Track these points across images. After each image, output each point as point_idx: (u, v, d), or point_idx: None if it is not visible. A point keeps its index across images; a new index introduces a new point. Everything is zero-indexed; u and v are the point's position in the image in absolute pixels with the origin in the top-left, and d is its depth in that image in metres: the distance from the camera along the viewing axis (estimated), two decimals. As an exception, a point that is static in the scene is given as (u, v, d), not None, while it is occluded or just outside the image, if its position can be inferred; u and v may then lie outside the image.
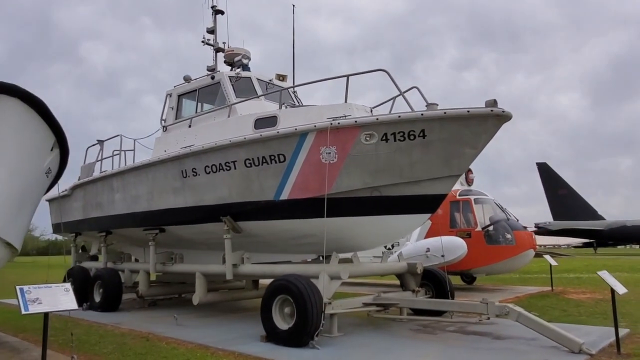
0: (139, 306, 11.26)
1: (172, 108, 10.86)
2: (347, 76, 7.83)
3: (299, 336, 6.52)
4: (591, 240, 61.95)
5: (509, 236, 12.85)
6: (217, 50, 12.19)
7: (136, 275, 11.07)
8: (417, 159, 7.24)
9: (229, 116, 9.34)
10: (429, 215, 7.88)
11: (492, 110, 6.78)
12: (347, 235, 8.07)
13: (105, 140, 12.05)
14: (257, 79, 10.36)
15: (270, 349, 6.46)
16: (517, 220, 13.79)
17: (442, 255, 12.00)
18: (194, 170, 8.90)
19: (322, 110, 8.11)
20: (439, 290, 9.20)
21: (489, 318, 6.78)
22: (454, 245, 12.01)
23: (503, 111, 6.81)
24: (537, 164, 64.00)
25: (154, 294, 11.10)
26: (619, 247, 73.01)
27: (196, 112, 10.33)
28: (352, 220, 7.85)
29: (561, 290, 13.97)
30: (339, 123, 7.31)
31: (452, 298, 9.22)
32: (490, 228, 13.11)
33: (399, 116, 7.01)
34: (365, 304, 7.85)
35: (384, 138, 7.17)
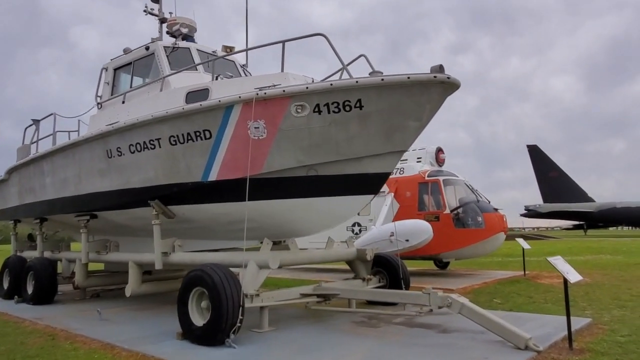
0: (80, 298, 10.49)
1: (108, 83, 9.95)
2: (283, 42, 6.97)
3: (214, 333, 5.77)
4: (581, 223, 61.87)
5: (478, 219, 12.13)
6: (162, 20, 11.21)
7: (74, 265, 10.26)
8: (354, 133, 6.44)
9: (161, 90, 8.47)
10: (371, 196, 7.10)
11: (435, 77, 5.97)
12: (282, 220, 7.30)
13: (41, 119, 11.14)
14: (198, 50, 9.45)
15: (179, 349, 5.72)
16: (489, 202, 13.06)
17: (407, 240, 11.32)
18: (118, 149, 8.05)
19: (256, 81, 7.26)
20: (394, 278, 8.48)
21: (431, 310, 6.05)
22: (418, 229, 11.29)
23: (448, 77, 6.00)
24: (528, 146, 63.50)
25: (92, 285, 10.31)
26: (610, 228, 73.11)
27: (130, 87, 9.43)
28: (287, 203, 7.08)
29: (534, 275, 13.34)
30: (265, 93, 6.47)
31: (408, 286, 8.52)
32: (459, 211, 12.37)
33: (331, 84, 6.17)
34: (304, 295, 7.11)
35: (317, 110, 6.35)
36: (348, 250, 8.30)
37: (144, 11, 11.22)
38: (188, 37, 10.23)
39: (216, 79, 8.05)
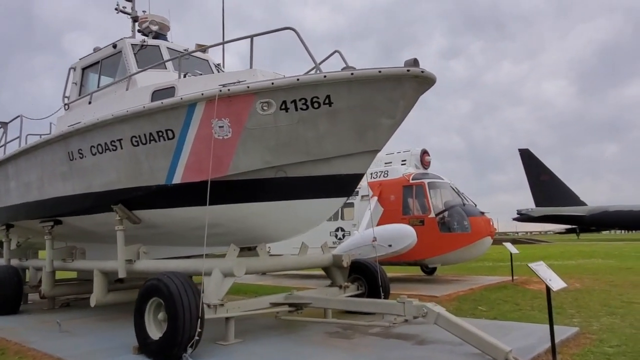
0: (48, 308, 10.00)
1: (76, 83, 9.51)
2: (252, 37, 6.60)
3: (170, 348, 5.32)
4: (574, 227, 61.79)
5: (464, 223, 11.74)
6: (135, 19, 10.79)
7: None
8: (324, 131, 6.05)
9: (127, 89, 8.05)
10: (343, 199, 6.71)
11: (408, 70, 5.60)
12: (252, 224, 6.89)
13: (9, 122, 10.68)
14: (169, 48, 9.05)
15: (130, 366, 5.28)
16: (475, 205, 12.69)
17: (390, 245, 10.93)
18: (80, 151, 7.61)
19: (223, 78, 6.87)
20: (372, 285, 8.07)
21: (406, 320, 5.65)
22: (401, 234, 10.91)
23: (422, 71, 5.64)
24: (520, 150, 63.46)
25: (60, 294, 9.83)
26: (603, 232, 73.08)
27: (98, 86, 9.00)
28: (255, 206, 6.67)
29: (523, 280, 12.95)
30: (229, 90, 6.08)
31: (387, 293, 8.10)
32: (445, 214, 11.99)
33: (298, 79, 5.79)
34: (274, 304, 6.68)
35: (284, 107, 5.96)
36: (323, 256, 7.89)
37: (116, 9, 10.81)
38: (160, 36, 9.84)
39: (184, 77, 7.66)
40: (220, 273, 6.13)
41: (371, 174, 13.72)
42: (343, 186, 6.49)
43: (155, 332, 5.61)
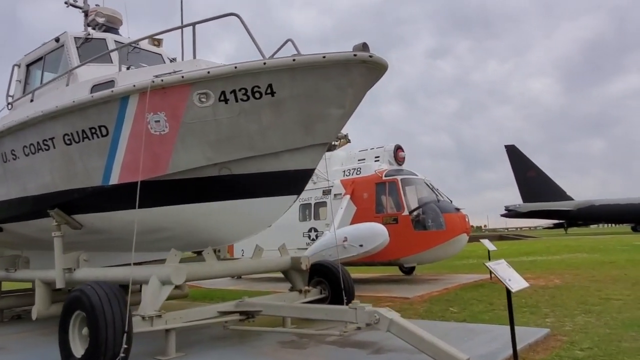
0: (-2, 321, 9.37)
1: (20, 81, 8.93)
2: (194, 24, 6.07)
3: (93, 367, 4.79)
4: (562, 221, 61.94)
5: (439, 220, 11.31)
6: (86, 13, 10.22)
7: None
8: (268, 123, 5.56)
9: (67, 84, 7.49)
10: (294, 197, 6.21)
11: (355, 55, 5.13)
12: (198, 226, 6.37)
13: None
14: (117, 41, 8.48)
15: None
16: (451, 201, 12.27)
17: (361, 245, 10.47)
18: (13, 152, 7.05)
19: (162, 69, 6.34)
20: (336, 288, 7.57)
21: (359, 328, 5.16)
22: (373, 233, 10.45)
23: (371, 56, 5.17)
24: (506, 146, 63.51)
25: (7, 307, 9.22)
26: (591, 226, 73.42)
27: (41, 83, 8.42)
28: (200, 207, 6.15)
29: (503, 278, 12.56)
30: (162, 80, 5.56)
31: (351, 297, 7.59)
32: (419, 212, 11.55)
33: (236, 67, 5.28)
34: (222, 313, 6.16)
35: (223, 98, 5.46)
36: (281, 259, 7.38)
37: (65, 3, 10.22)
38: (112, 30, 9.27)
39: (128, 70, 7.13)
40: (157, 281, 5.60)
41: (344, 171, 13.27)
42: (293, 183, 5.99)
43: (79, 349, 5.06)
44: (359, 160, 13.43)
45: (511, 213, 63.04)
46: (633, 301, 8.38)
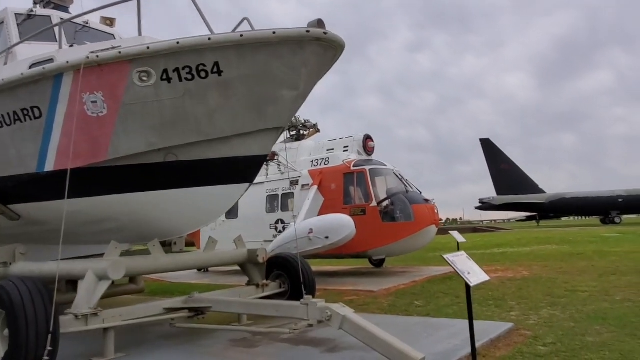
0: None
1: (-41, 60, 8.24)
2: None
3: (12, 371, 4.32)
4: (534, 214, 63.04)
5: (407, 211, 11.04)
6: (36, -12, 9.53)
7: None
8: (216, 106, 5.13)
9: (5, 63, 6.89)
10: (245, 186, 5.81)
11: (308, 32, 4.74)
12: (145, 217, 5.92)
13: None
14: (63, 19, 7.87)
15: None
16: (420, 192, 12.02)
17: (327, 237, 10.13)
18: (-59, 136, 6.44)
19: (104, 46, 5.82)
20: (295, 282, 7.22)
21: (311, 325, 4.81)
22: (339, 225, 10.11)
23: (325, 33, 4.78)
24: (481, 140, 64.16)
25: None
26: (562, 219, 74.95)
27: (-21, 62, 7.76)
28: (146, 196, 5.70)
29: (472, 270, 12.42)
30: (97, 56, 5.06)
31: (311, 290, 7.26)
32: (387, 203, 11.27)
33: (178, 42, 4.83)
34: (169, 310, 5.74)
35: (165, 77, 5.00)
36: (236, 252, 6.97)
37: (10, -23, 9.49)
38: (61, 7, 8.64)
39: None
40: (93, 276, 5.14)
41: (312, 161, 12.89)
42: (244, 170, 5.59)
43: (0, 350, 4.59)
44: (327, 150, 13.07)
45: (485, 206, 63.85)
46: (599, 293, 8.27)
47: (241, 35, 4.74)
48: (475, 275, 4.42)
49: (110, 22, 8.65)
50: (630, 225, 45.89)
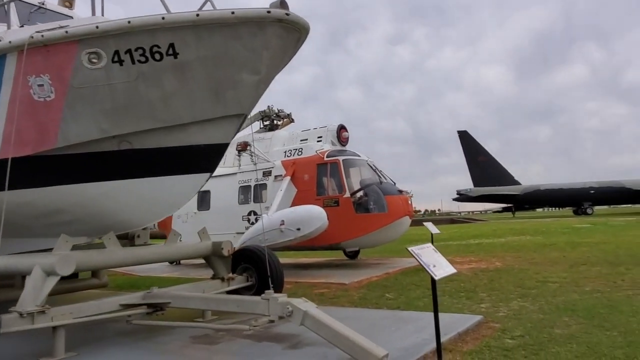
0: None
1: None
2: None
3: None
4: (510, 205, 64.05)
5: (380, 202, 10.91)
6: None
7: None
8: (172, 90, 4.84)
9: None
10: (206, 176, 5.53)
11: (269, 12, 4.47)
12: (99, 209, 5.59)
13: None
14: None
15: None
16: (394, 183, 11.90)
17: (298, 229, 9.92)
18: None
19: (53, 25, 5.45)
20: (264, 275, 6.99)
21: (272, 321, 4.59)
22: (310, 216, 9.92)
23: (287, 14, 4.52)
24: (459, 132, 64.74)
25: None
26: (537, 210, 76.42)
27: None
28: (99, 187, 5.38)
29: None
30: (42, 36, 4.71)
31: (278, 284, 7.05)
32: (360, 194, 11.10)
33: (129, 22, 4.51)
34: (125, 306, 5.45)
35: (117, 59, 4.68)
36: (200, 244, 6.70)
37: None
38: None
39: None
40: (40, 271, 4.82)
41: (285, 152, 12.63)
42: (204, 159, 5.31)
43: None
44: (301, 140, 12.82)
45: (462, 197, 64.61)
46: (569, 283, 8.28)
47: (197, 15, 4.45)
48: (441, 268, 4.27)
49: (69, 3, 8.22)
50: (601, 216, 47.04)
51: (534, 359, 4.39)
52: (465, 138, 63.62)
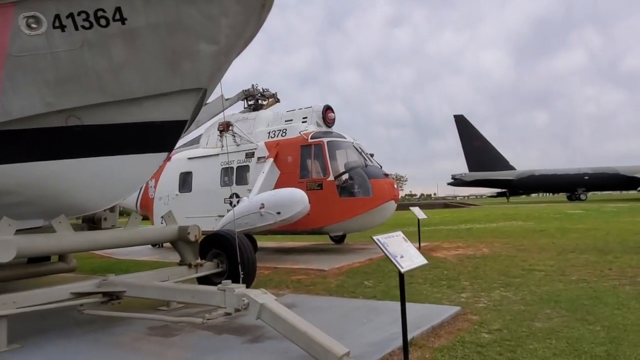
0: None
1: None
2: None
3: None
4: (505, 190, 63.94)
5: (365, 186, 10.53)
6: None
7: None
8: (121, 60, 4.39)
9: None
10: (163, 155, 5.12)
11: (225, -28, 4.01)
12: (51, 191, 5.18)
13: None
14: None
15: None
16: (381, 166, 11.51)
17: (278, 213, 9.55)
18: None
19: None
20: (235, 261, 6.63)
21: (229, 314, 4.24)
22: (291, 200, 9.54)
23: None
24: (455, 116, 64.19)
25: None
26: (532, 195, 76.38)
27: None
28: (46, 166, 4.96)
29: (432, 247, 12.09)
30: None
31: (249, 271, 6.72)
32: (344, 177, 10.72)
33: None
34: (77, 294, 5.08)
35: (58, 24, 4.22)
36: (165, 229, 6.32)
37: None
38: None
39: None
40: (-22, 257, 4.43)
41: (269, 133, 12.19)
42: (161, 138, 4.89)
43: None
44: (286, 121, 12.37)
45: (457, 182, 64.38)
46: (555, 272, 7.99)
47: (145, -25, 3.99)
48: (409, 259, 3.90)
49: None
50: (594, 202, 46.93)
51: (509, 357, 4.06)
52: (461, 122, 63.14)
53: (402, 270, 3.73)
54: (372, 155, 11.97)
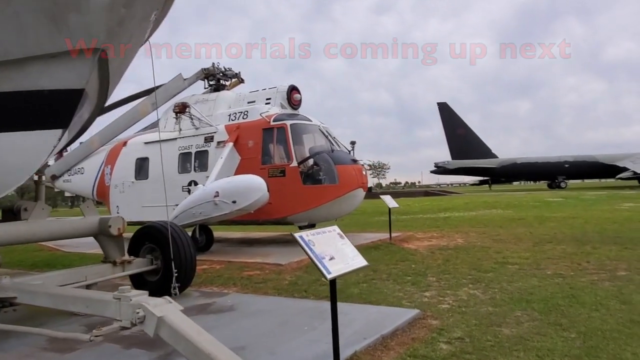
0: None
1: None
2: None
3: None
4: (487, 178, 63.93)
5: (331, 173, 9.74)
6: None
7: None
8: None
9: None
10: (58, 132, 4.23)
11: None
12: None
13: None
14: None
15: None
16: (350, 151, 10.73)
17: (234, 201, 8.73)
18: None
19: None
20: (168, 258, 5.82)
21: (125, 328, 3.43)
22: (248, 188, 8.73)
23: None
24: (438, 103, 63.73)
25: None
26: (514, 183, 76.65)
27: None
28: None
29: (406, 237, 11.41)
30: None
31: (189, 267, 5.94)
32: (308, 163, 9.92)
33: None
34: (-40, 301, 4.22)
35: None
36: (82, 221, 5.44)
37: None
38: None
39: None
40: None
41: (229, 115, 11.30)
42: (52, 110, 4.00)
43: None
44: (248, 102, 11.47)
45: (440, 170, 64.16)
46: (529, 265, 7.35)
47: None
48: (342, 260, 3.13)
49: None
50: (574, 190, 47.02)
51: (467, 377, 3.35)
52: (444, 110, 62.75)
53: (329, 277, 2.96)
54: (353, 143, 11.15)
